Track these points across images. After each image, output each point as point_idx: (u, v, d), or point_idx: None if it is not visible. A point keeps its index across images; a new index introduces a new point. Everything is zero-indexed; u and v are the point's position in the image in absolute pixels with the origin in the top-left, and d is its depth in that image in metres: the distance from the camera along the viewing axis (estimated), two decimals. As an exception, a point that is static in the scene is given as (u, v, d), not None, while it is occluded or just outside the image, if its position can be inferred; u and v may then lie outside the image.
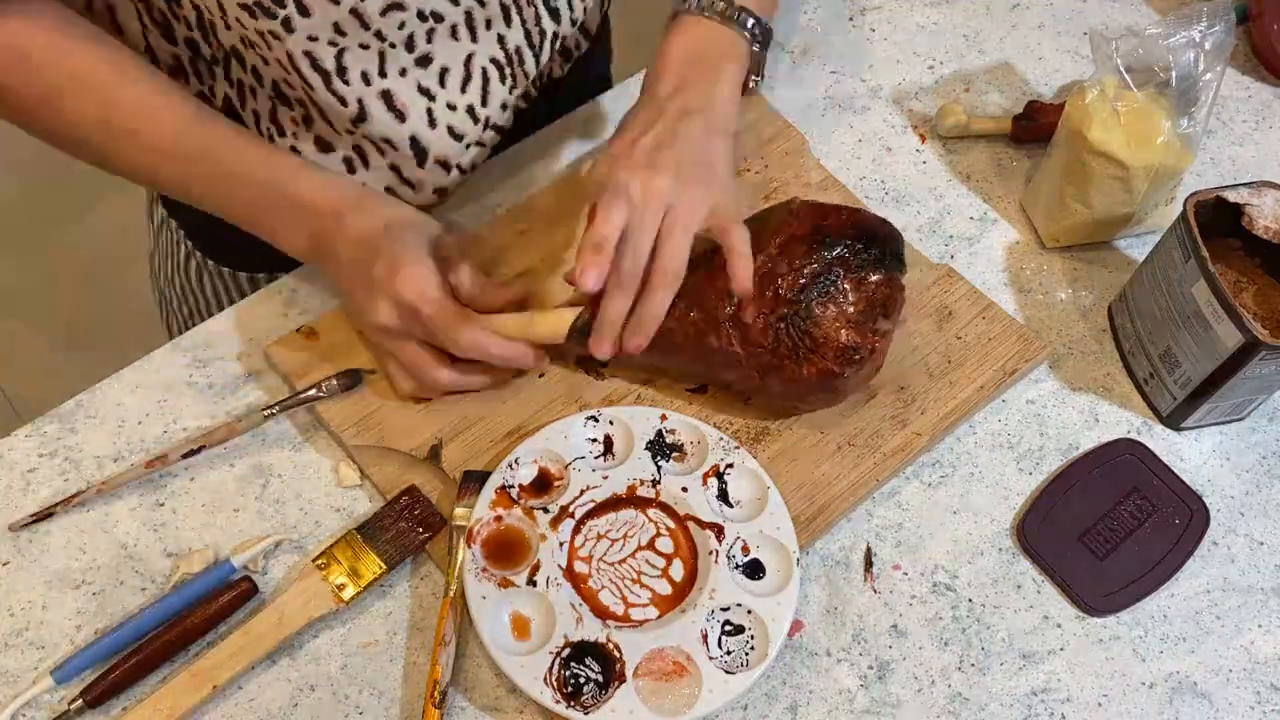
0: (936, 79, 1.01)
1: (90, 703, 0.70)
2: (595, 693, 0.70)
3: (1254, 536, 0.81)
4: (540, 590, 0.73)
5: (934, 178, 0.96)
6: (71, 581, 0.75)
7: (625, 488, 0.77)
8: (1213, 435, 0.85)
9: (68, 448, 0.80)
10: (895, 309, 0.78)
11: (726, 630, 0.73)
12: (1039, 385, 0.86)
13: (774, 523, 0.76)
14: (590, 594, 0.74)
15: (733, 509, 0.77)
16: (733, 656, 0.72)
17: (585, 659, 0.71)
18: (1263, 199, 0.80)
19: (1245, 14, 1.03)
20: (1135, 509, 0.81)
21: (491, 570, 0.73)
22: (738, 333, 0.77)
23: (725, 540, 0.75)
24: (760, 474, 0.78)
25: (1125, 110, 0.85)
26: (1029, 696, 0.75)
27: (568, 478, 0.77)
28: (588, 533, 0.76)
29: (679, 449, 0.79)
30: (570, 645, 0.71)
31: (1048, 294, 0.90)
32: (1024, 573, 0.79)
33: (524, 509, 0.75)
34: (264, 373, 0.83)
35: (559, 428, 0.78)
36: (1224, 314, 0.76)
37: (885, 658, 0.75)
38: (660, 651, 0.71)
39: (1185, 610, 0.78)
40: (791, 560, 0.75)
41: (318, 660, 0.74)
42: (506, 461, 0.77)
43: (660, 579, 0.75)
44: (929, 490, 0.82)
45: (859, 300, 0.77)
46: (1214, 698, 0.75)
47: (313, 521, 0.78)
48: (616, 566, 0.75)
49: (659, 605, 0.74)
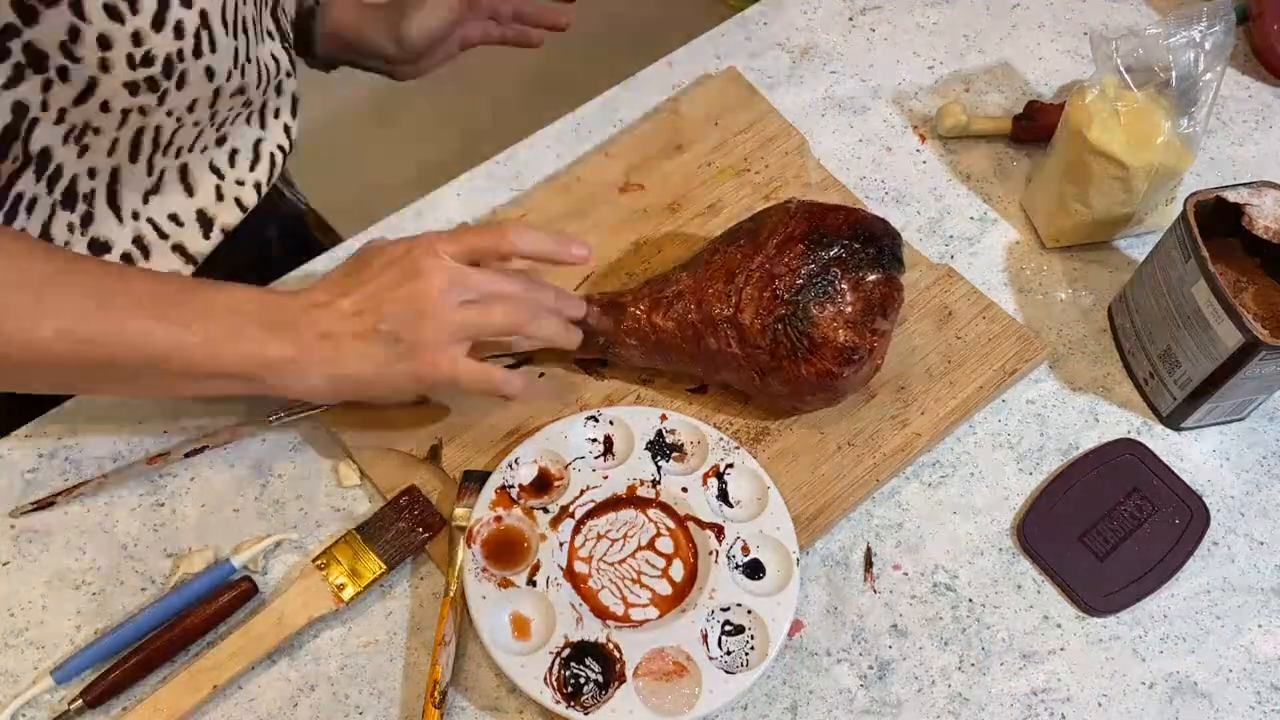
0: (936, 79, 1.01)
1: (90, 703, 0.70)
2: (595, 693, 0.70)
3: (1254, 536, 0.81)
4: (540, 590, 0.73)
5: (934, 178, 0.96)
6: (71, 581, 0.75)
7: (625, 488, 0.77)
8: (1213, 435, 0.85)
9: (68, 448, 0.80)
10: (894, 309, 0.78)
11: (726, 630, 0.73)
12: (1039, 385, 0.86)
13: (774, 523, 0.76)
14: (590, 594, 0.74)
15: (733, 509, 0.77)
16: (733, 656, 0.72)
17: (585, 659, 0.71)
18: (1263, 199, 0.80)
19: (1245, 14, 1.03)
20: (1135, 509, 0.81)
21: (491, 570, 0.73)
22: (736, 333, 0.77)
23: (725, 540, 0.75)
24: (760, 474, 0.78)
25: (1125, 110, 0.85)
26: (1029, 696, 0.75)
27: (568, 478, 0.77)
28: (588, 533, 0.76)
29: (679, 449, 0.79)
30: (570, 645, 0.71)
31: (1048, 294, 0.90)
32: (1024, 573, 0.79)
33: (524, 509, 0.75)
34: (264, 373, 0.83)
35: (559, 428, 0.78)
36: (1224, 314, 0.76)
37: (885, 658, 0.76)
38: (660, 651, 0.71)
39: (1185, 610, 0.78)
40: (791, 560, 0.75)
41: (318, 660, 0.74)
42: (506, 461, 0.77)
43: (660, 579, 0.75)
44: (929, 490, 0.82)
45: (857, 300, 0.77)
46: (1214, 698, 0.75)
47: (313, 521, 0.78)
48: (616, 566, 0.75)
49: (659, 605, 0.74)
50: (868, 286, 0.77)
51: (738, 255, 0.78)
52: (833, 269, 0.77)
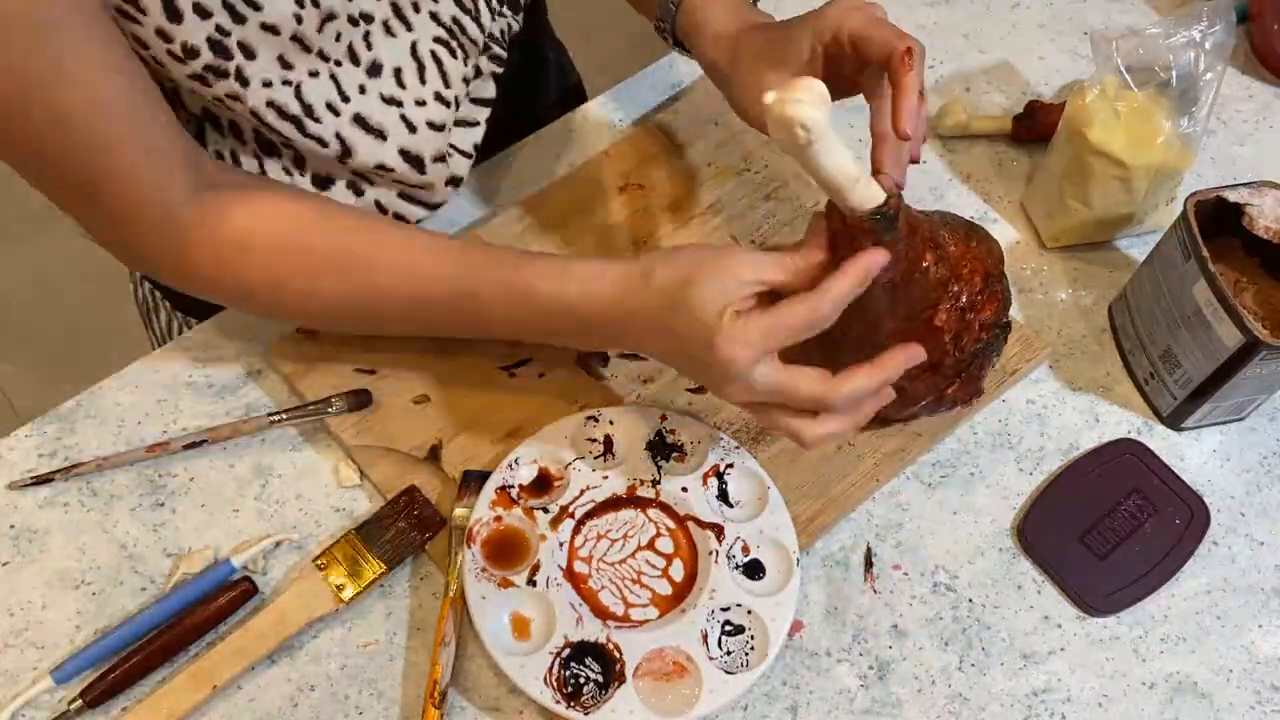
0: (936, 79, 1.01)
1: (90, 703, 0.70)
2: (595, 693, 0.70)
3: (1254, 536, 0.81)
4: (540, 590, 0.73)
5: (934, 178, 0.96)
6: (71, 581, 0.75)
7: (625, 488, 0.77)
8: (1213, 435, 0.85)
9: (68, 448, 0.80)
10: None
11: (726, 630, 0.73)
12: (1039, 385, 0.86)
13: (774, 522, 0.76)
14: (590, 594, 0.74)
15: (733, 509, 0.77)
16: (733, 657, 0.72)
17: (585, 659, 0.71)
18: (1263, 199, 0.80)
19: (1245, 14, 1.03)
20: (1135, 509, 0.81)
21: (491, 570, 0.73)
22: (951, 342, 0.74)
23: (725, 540, 0.75)
24: (760, 474, 0.78)
25: (1125, 110, 0.85)
26: (1029, 696, 0.75)
27: (568, 478, 0.77)
28: (588, 533, 0.76)
29: (679, 449, 0.79)
30: (570, 645, 0.71)
31: (1048, 294, 0.90)
32: (1024, 573, 0.79)
33: (524, 509, 0.75)
34: (264, 373, 0.83)
35: (559, 428, 0.78)
36: (1224, 314, 0.76)
37: (885, 658, 0.75)
38: (660, 651, 0.71)
39: (1185, 610, 0.78)
40: (792, 560, 0.75)
41: (318, 660, 0.74)
42: (506, 461, 0.76)
43: (660, 579, 0.75)
44: (929, 490, 0.82)
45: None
46: (1214, 698, 0.75)
47: (313, 521, 0.78)
48: (616, 567, 0.75)
49: (659, 605, 0.74)
50: None
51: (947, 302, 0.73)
52: (1005, 320, 0.77)
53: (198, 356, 0.84)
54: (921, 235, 0.68)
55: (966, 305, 0.72)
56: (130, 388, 0.82)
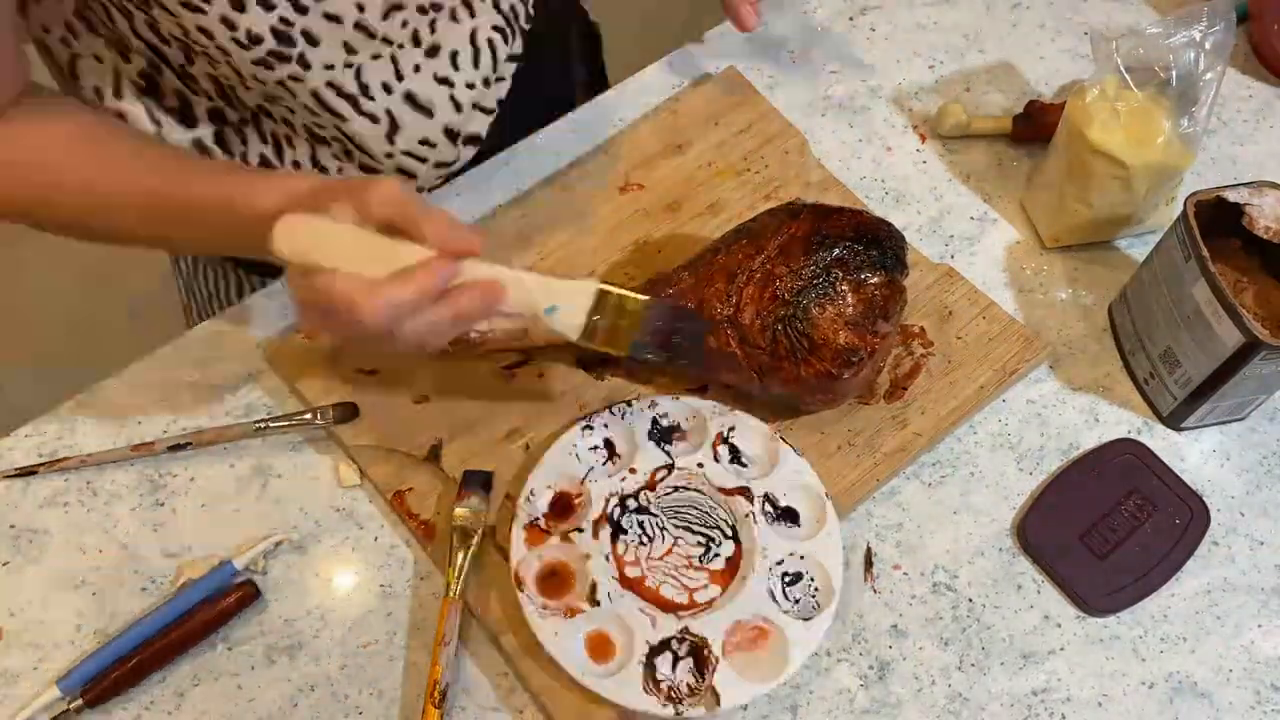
0: (936, 79, 1.01)
1: (90, 702, 0.70)
2: (694, 683, 0.71)
3: (1254, 536, 0.81)
4: (606, 606, 0.73)
5: (934, 178, 0.96)
6: (71, 582, 0.75)
7: (645, 482, 0.77)
8: (1213, 435, 0.85)
9: (68, 448, 0.80)
10: (895, 311, 0.78)
11: (787, 581, 0.74)
12: (1039, 385, 0.86)
13: (792, 468, 0.77)
14: (652, 593, 0.74)
15: (747, 468, 0.78)
16: (801, 604, 0.74)
17: (673, 656, 0.72)
18: (1263, 199, 0.80)
19: (1245, 14, 1.03)
20: (1135, 509, 0.81)
21: (552, 606, 0.73)
22: (736, 333, 0.77)
23: (755, 499, 0.76)
24: (762, 427, 0.79)
25: (1125, 110, 0.85)
26: (1029, 696, 0.75)
27: (586, 492, 0.77)
28: (626, 539, 0.76)
29: (678, 429, 0.79)
30: (653, 648, 0.71)
31: (1048, 294, 0.90)
32: (1024, 573, 0.79)
33: (560, 536, 0.75)
34: (264, 373, 0.83)
35: (560, 448, 0.78)
36: (1224, 314, 0.76)
37: (885, 658, 0.75)
38: (738, 624, 0.72)
39: (1185, 610, 0.78)
40: (822, 498, 0.76)
41: (318, 660, 0.74)
42: (522, 497, 0.76)
43: (713, 557, 0.75)
44: (929, 490, 0.82)
45: (858, 302, 0.77)
46: (1214, 698, 0.75)
47: (313, 521, 0.78)
48: (665, 559, 0.75)
49: (719, 581, 0.75)
50: (869, 288, 0.77)
51: (739, 255, 0.79)
52: (834, 270, 0.77)
53: (198, 357, 0.84)
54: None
55: (723, 317, 0.76)
56: (130, 388, 0.82)
